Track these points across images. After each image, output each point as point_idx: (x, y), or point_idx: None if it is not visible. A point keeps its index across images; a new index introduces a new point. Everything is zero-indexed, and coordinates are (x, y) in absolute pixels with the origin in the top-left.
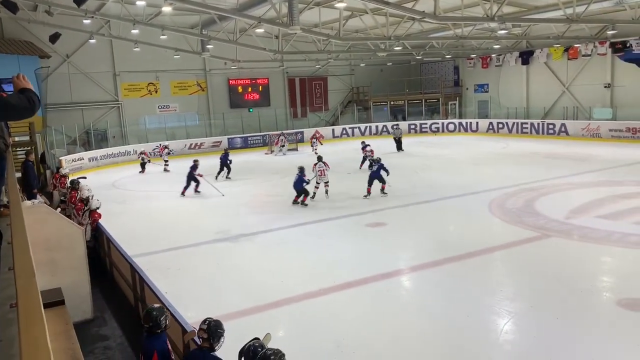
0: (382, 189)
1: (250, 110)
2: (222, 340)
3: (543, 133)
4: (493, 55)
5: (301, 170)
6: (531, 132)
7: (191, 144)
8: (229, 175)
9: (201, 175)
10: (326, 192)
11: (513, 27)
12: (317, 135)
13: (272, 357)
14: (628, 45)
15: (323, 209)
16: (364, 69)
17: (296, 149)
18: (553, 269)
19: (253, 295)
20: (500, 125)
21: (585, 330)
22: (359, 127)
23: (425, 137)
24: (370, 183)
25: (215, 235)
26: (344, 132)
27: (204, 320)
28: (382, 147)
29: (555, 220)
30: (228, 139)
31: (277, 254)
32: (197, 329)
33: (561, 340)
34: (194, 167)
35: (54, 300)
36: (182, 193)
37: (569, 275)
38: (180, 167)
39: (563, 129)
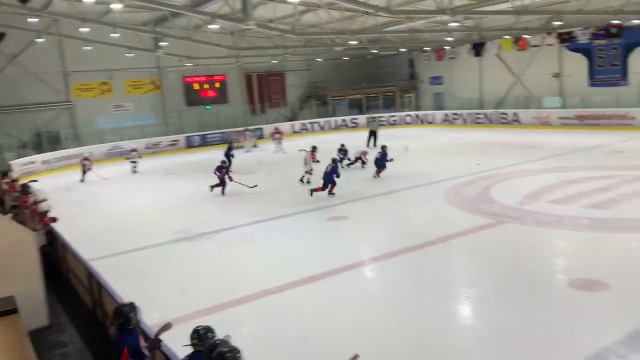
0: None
1: (208, 107)
2: (215, 337)
3: (496, 123)
4: (446, 47)
5: (334, 161)
6: (485, 122)
7: (148, 144)
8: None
9: (230, 177)
10: (308, 180)
11: (465, 20)
12: (279, 130)
13: (228, 354)
14: (574, 35)
15: (284, 204)
16: (321, 63)
17: (256, 146)
18: (508, 254)
19: (217, 293)
20: (455, 117)
21: (540, 312)
22: (319, 122)
23: (384, 130)
24: (379, 167)
25: (176, 234)
26: (304, 127)
27: (192, 332)
28: (343, 141)
29: (509, 207)
30: (185, 137)
31: (239, 251)
32: (188, 343)
33: (518, 323)
34: (219, 167)
35: (6, 309)
36: (222, 193)
37: (524, 259)
38: (139, 167)
39: (515, 118)
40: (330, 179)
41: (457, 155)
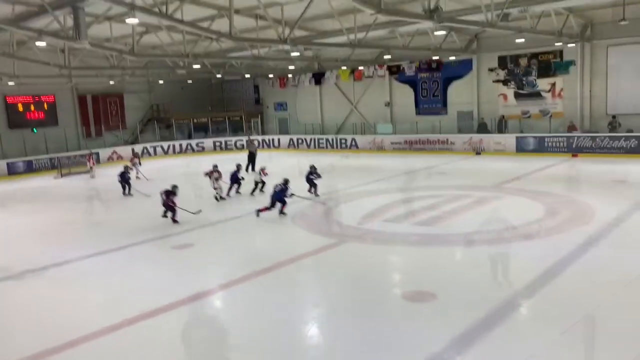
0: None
1: (34, 130)
2: None
3: (337, 147)
4: (289, 75)
5: (286, 181)
6: (327, 147)
7: None
8: (129, 192)
9: (175, 204)
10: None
11: (305, 50)
12: (136, 155)
13: None
14: (401, 68)
15: (124, 233)
16: (163, 85)
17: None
18: (350, 271)
19: (46, 337)
20: (300, 141)
21: (378, 324)
22: (162, 146)
23: (231, 154)
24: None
25: None
26: (146, 151)
27: None
28: (191, 165)
29: (350, 227)
30: (7, 163)
31: (73, 289)
32: None
33: (358, 336)
34: (172, 192)
35: None
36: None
37: (364, 275)
38: None
39: (354, 143)
40: (280, 197)
41: (303, 179)
